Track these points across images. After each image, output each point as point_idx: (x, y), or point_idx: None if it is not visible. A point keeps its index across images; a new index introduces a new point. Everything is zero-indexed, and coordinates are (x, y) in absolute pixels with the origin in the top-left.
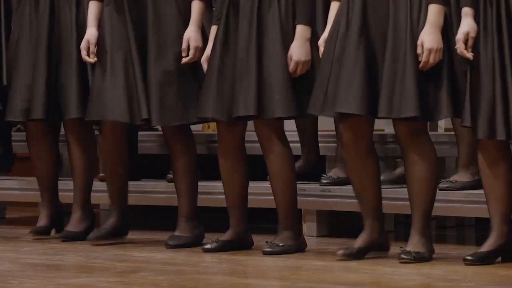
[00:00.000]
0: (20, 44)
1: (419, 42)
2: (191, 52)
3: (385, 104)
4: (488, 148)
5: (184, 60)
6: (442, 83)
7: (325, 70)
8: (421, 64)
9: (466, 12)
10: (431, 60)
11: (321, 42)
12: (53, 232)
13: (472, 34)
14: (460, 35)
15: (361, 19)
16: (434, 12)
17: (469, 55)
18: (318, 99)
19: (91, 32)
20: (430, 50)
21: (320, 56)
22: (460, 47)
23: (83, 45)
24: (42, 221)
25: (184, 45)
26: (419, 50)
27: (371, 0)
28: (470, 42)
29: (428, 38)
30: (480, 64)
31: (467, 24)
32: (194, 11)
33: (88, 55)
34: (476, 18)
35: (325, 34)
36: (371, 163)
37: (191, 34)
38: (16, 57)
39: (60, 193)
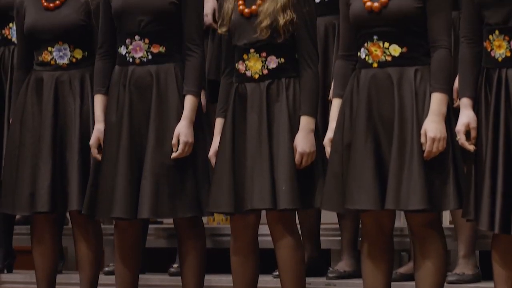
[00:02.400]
0: (22, 137)
1: (422, 131)
2: (181, 147)
3: (392, 196)
4: (500, 239)
5: (173, 155)
6: (448, 173)
7: (335, 166)
8: (425, 154)
9: (465, 103)
10: (435, 149)
11: (326, 142)
12: None
13: (473, 125)
14: (460, 127)
15: (366, 111)
16: (437, 101)
17: (471, 147)
18: (332, 196)
19: (99, 129)
20: (433, 139)
21: (327, 155)
22: (460, 138)
23: (92, 142)
24: None
25: (174, 140)
26: (422, 139)
27: (376, 92)
28: (473, 133)
29: (431, 127)
30: (482, 154)
31: (466, 115)
32: (187, 106)
33: (98, 152)
34: (475, 108)
35: (329, 134)
36: (387, 257)
37: (181, 129)
38: (19, 151)
39: (65, 287)
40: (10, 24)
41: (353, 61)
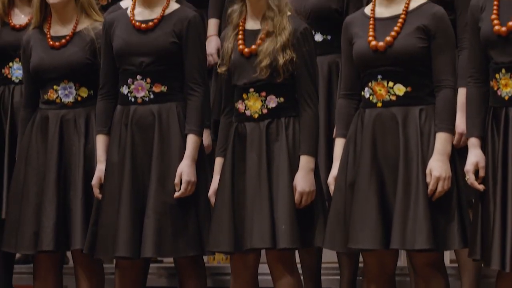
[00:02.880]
0: (27, 175)
1: (427, 171)
2: (183, 186)
3: (398, 236)
4: (505, 278)
5: (176, 194)
6: (453, 212)
7: (338, 205)
8: (429, 192)
9: (473, 143)
10: (439, 188)
11: (330, 181)
12: None
13: (482, 164)
14: (469, 166)
15: (371, 150)
16: (442, 140)
17: (480, 186)
18: (334, 235)
19: (101, 169)
20: (438, 178)
21: (331, 193)
22: (470, 178)
23: (94, 182)
24: None
25: (176, 180)
26: (428, 179)
27: (380, 131)
28: (481, 173)
29: (436, 166)
30: (489, 194)
31: (475, 155)
32: (189, 145)
33: (100, 192)
34: (483, 148)
35: (333, 172)
36: None
37: (184, 168)
38: (23, 189)
39: None
40: (10, 63)
41: (356, 100)
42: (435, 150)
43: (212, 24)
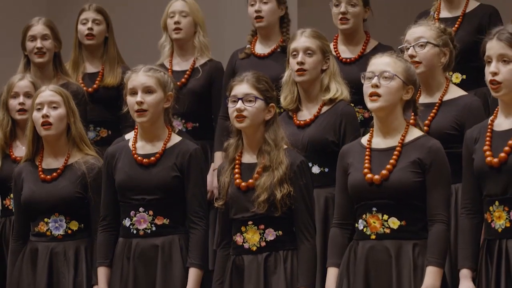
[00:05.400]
0: None
1: None
2: None
3: None
4: None
5: None
6: None
7: None
8: None
9: (465, 274)
10: None
11: None
12: None
13: None
14: None
15: (364, 284)
16: (431, 275)
17: None
18: None
19: None
20: None
21: None
22: None
23: None
24: None
25: None
26: None
27: (373, 264)
28: None
29: None
30: None
31: (466, 286)
32: (191, 279)
33: None
34: (477, 279)
35: None
36: None
37: None
38: None
39: None
40: (11, 195)
41: (349, 229)
42: (423, 284)
43: (218, 157)
